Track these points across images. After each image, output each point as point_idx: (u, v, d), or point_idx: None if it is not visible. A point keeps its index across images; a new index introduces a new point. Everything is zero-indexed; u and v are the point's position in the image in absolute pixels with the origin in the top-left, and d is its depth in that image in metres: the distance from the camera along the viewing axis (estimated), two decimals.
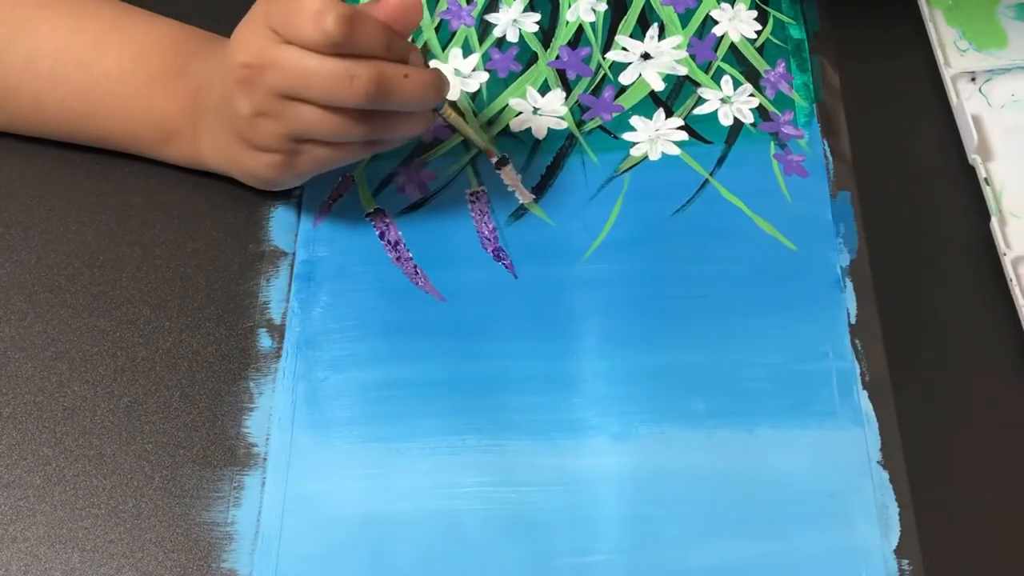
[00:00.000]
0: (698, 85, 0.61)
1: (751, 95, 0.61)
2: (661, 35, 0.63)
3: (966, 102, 0.59)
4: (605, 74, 0.62)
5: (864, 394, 0.51)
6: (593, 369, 0.52)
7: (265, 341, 0.53)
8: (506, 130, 0.60)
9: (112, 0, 0.56)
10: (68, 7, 0.55)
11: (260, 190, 0.56)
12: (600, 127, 0.60)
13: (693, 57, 0.62)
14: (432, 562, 0.48)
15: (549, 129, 0.60)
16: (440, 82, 0.50)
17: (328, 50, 0.46)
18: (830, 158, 0.58)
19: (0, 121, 0.57)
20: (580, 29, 0.63)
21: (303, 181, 0.55)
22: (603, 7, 0.64)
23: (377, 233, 0.56)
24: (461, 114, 0.56)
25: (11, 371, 0.52)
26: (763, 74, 0.61)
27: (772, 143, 0.59)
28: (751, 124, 0.60)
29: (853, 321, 0.53)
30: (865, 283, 0.54)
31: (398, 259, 0.55)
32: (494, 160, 0.57)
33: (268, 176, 0.53)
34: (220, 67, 0.51)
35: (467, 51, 0.63)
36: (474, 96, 0.61)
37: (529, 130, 0.60)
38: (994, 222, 0.55)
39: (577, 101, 0.61)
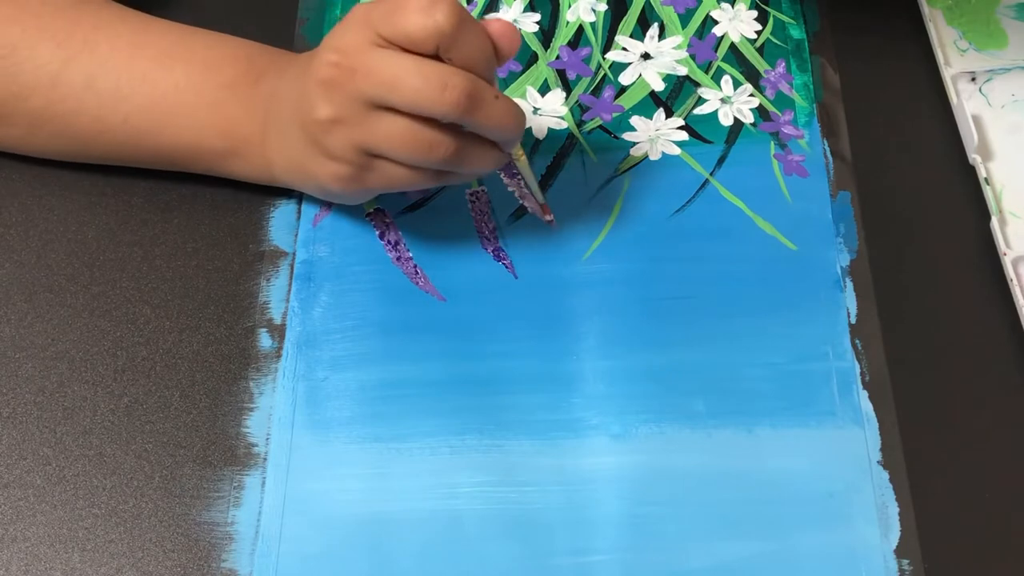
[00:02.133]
0: (698, 85, 0.61)
1: (751, 95, 0.61)
2: (661, 35, 0.63)
3: (966, 102, 0.59)
4: (605, 74, 0.62)
5: (864, 394, 0.51)
6: (593, 369, 0.52)
7: (265, 341, 0.53)
8: None
9: (172, 22, 0.55)
10: (126, 27, 0.54)
11: (260, 190, 0.56)
12: (600, 127, 0.60)
13: (693, 57, 0.62)
14: (432, 562, 0.48)
15: (549, 129, 0.60)
16: (523, 116, 0.49)
17: (431, 45, 0.45)
18: (830, 158, 0.58)
19: (60, 146, 0.55)
20: (580, 29, 0.63)
21: (369, 198, 0.54)
22: (603, 7, 0.64)
23: (377, 233, 0.56)
24: (527, 163, 0.55)
25: (11, 371, 0.52)
26: (763, 74, 0.61)
27: (772, 143, 0.59)
28: (751, 124, 0.60)
29: (853, 321, 0.53)
30: (865, 283, 0.54)
31: (398, 259, 0.55)
32: (548, 219, 0.56)
33: (334, 188, 0.51)
34: (301, 72, 0.50)
35: None
36: None
37: (529, 130, 0.60)
38: (994, 222, 0.55)
39: (577, 101, 0.61)
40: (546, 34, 0.63)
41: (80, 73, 0.52)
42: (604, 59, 0.62)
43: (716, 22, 0.64)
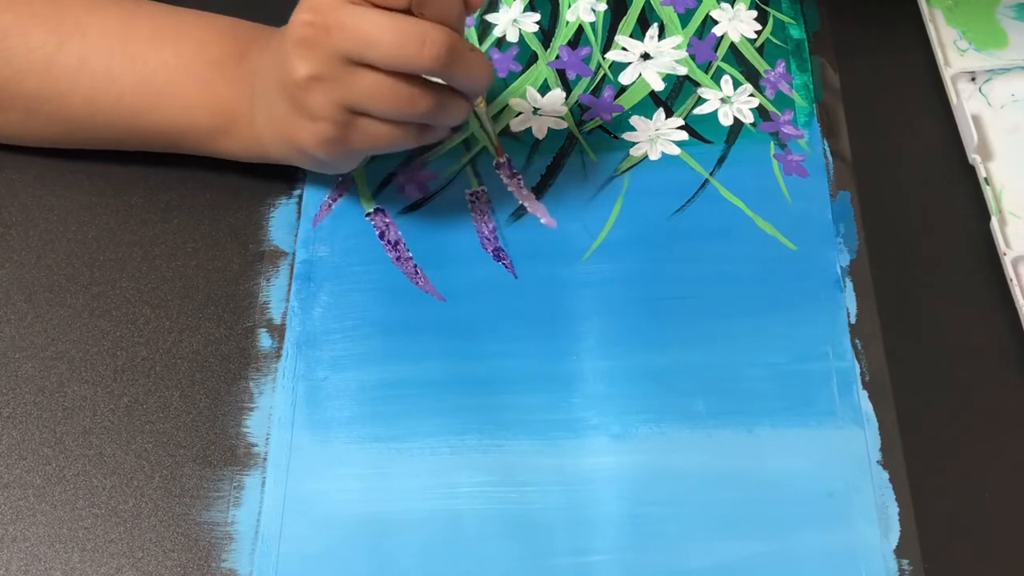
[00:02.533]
0: (698, 85, 0.61)
1: (751, 95, 0.61)
2: (661, 35, 0.63)
3: (966, 102, 0.59)
4: (605, 74, 0.62)
5: (864, 394, 0.51)
6: (593, 369, 0.52)
7: (265, 341, 0.53)
8: (506, 130, 0.60)
9: (162, 3, 0.56)
10: (118, 10, 0.55)
11: (260, 190, 0.56)
12: (600, 127, 0.60)
13: (693, 57, 0.62)
14: (432, 562, 0.48)
15: (549, 129, 0.60)
16: (492, 67, 0.50)
17: (404, 3, 0.46)
18: (830, 158, 0.58)
19: (56, 130, 0.56)
20: (580, 29, 0.63)
21: (357, 164, 0.54)
22: (603, 7, 0.64)
23: (377, 233, 0.56)
24: (485, 109, 0.56)
25: (11, 371, 0.52)
26: (763, 74, 0.61)
27: (772, 143, 0.59)
28: (751, 124, 0.60)
29: (853, 321, 0.53)
30: (865, 283, 0.54)
31: (398, 259, 0.55)
32: (502, 159, 0.57)
33: (319, 151, 0.51)
34: (280, 41, 0.50)
35: None
36: None
37: (529, 130, 0.60)
38: (994, 222, 0.55)
39: (577, 101, 0.61)
40: (546, 34, 0.63)
41: (73, 56, 0.53)
42: (604, 59, 0.62)
43: (716, 22, 0.64)
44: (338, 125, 0.49)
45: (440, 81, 0.49)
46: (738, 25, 0.63)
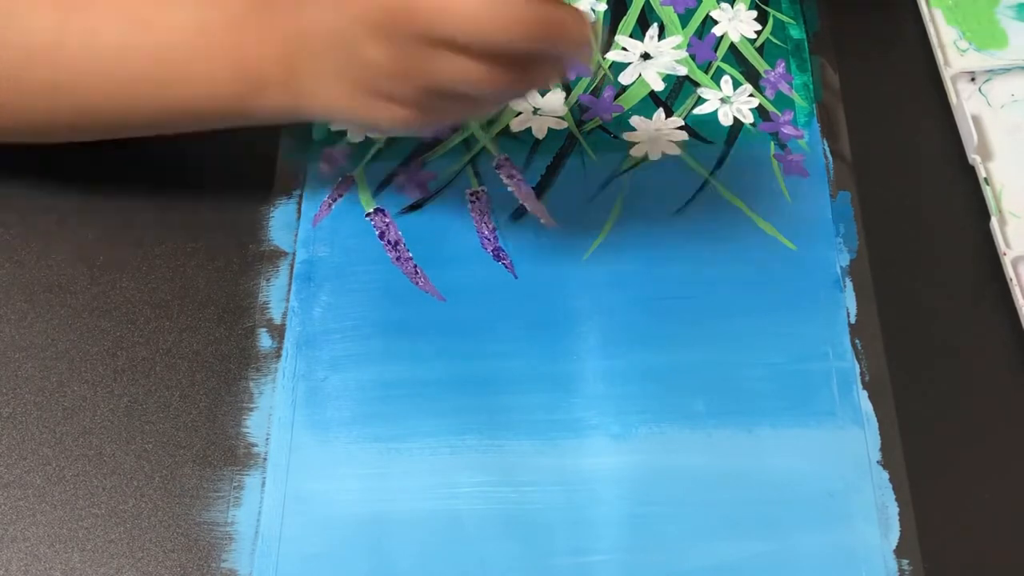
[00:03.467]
0: (698, 85, 0.61)
1: (751, 95, 0.61)
2: (661, 35, 0.63)
3: (966, 102, 0.59)
4: (605, 74, 0.62)
5: (864, 394, 0.51)
6: (593, 369, 0.52)
7: (265, 341, 0.53)
8: (506, 130, 0.60)
9: None
10: None
11: (260, 190, 0.56)
12: (600, 127, 0.60)
13: (693, 57, 0.62)
14: (432, 562, 0.48)
15: (549, 129, 0.60)
16: (588, 18, 0.45)
17: None
18: (830, 158, 0.58)
19: (76, 118, 0.52)
20: None
21: (428, 131, 0.51)
22: (603, 7, 0.64)
23: (377, 233, 0.56)
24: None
25: (11, 371, 0.52)
26: (763, 74, 0.61)
27: (772, 143, 0.59)
28: (751, 124, 0.60)
29: (853, 321, 0.53)
30: (865, 283, 0.54)
31: (398, 259, 0.55)
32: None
33: (395, 128, 0.47)
34: (333, 6, 0.45)
35: None
36: None
37: (529, 130, 0.60)
38: (994, 222, 0.55)
39: (577, 101, 0.61)
40: None
41: (83, 31, 0.49)
42: (604, 59, 0.62)
43: (716, 22, 0.64)
44: (419, 108, 0.46)
45: None
46: (738, 25, 0.63)
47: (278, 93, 0.49)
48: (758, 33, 0.63)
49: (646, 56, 0.62)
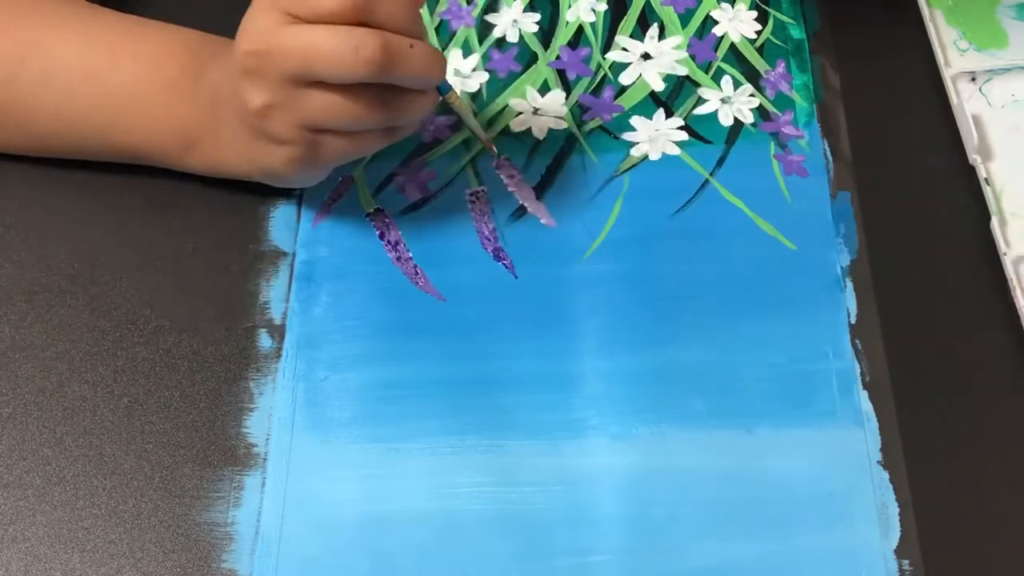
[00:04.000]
0: (698, 85, 0.61)
1: (751, 95, 0.61)
2: (661, 35, 0.63)
3: (966, 102, 0.59)
4: (605, 74, 0.62)
5: (864, 394, 0.51)
6: (593, 369, 0.52)
7: (265, 341, 0.53)
8: (506, 130, 0.60)
9: (123, 14, 0.56)
10: (78, 22, 0.54)
11: (259, 190, 0.56)
12: (600, 127, 0.60)
13: (693, 57, 0.62)
14: (432, 562, 0.48)
15: (549, 129, 0.60)
16: (443, 58, 0.49)
17: (347, 16, 0.45)
18: (830, 158, 0.58)
19: (21, 142, 0.56)
20: (580, 29, 0.63)
21: (326, 175, 0.54)
22: (603, 7, 0.64)
23: (377, 233, 0.56)
24: (465, 105, 0.55)
25: (11, 371, 0.52)
26: (763, 74, 0.61)
27: (772, 143, 0.59)
28: (751, 124, 0.60)
29: (853, 321, 0.53)
30: (865, 283, 0.54)
31: (398, 259, 0.55)
32: (494, 151, 0.57)
33: (289, 172, 0.51)
34: (230, 65, 0.50)
35: (467, 51, 0.63)
36: (474, 96, 0.61)
37: (529, 130, 0.60)
38: (994, 222, 0.55)
39: (577, 101, 0.61)
40: (546, 34, 0.63)
41: (36, 71, 0.53)
42: (604, 59, 0.62)
43: (716, 22, 0.64)
44: (303, 145, 0.49)
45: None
46: (738, 25, 0.63)
47: (207, 150, 0.54)
48: (758, 33, 0.63)
49: (646, 56, 0.62)
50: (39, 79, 0.53)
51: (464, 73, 0.62)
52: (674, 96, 0.61)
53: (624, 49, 0.63)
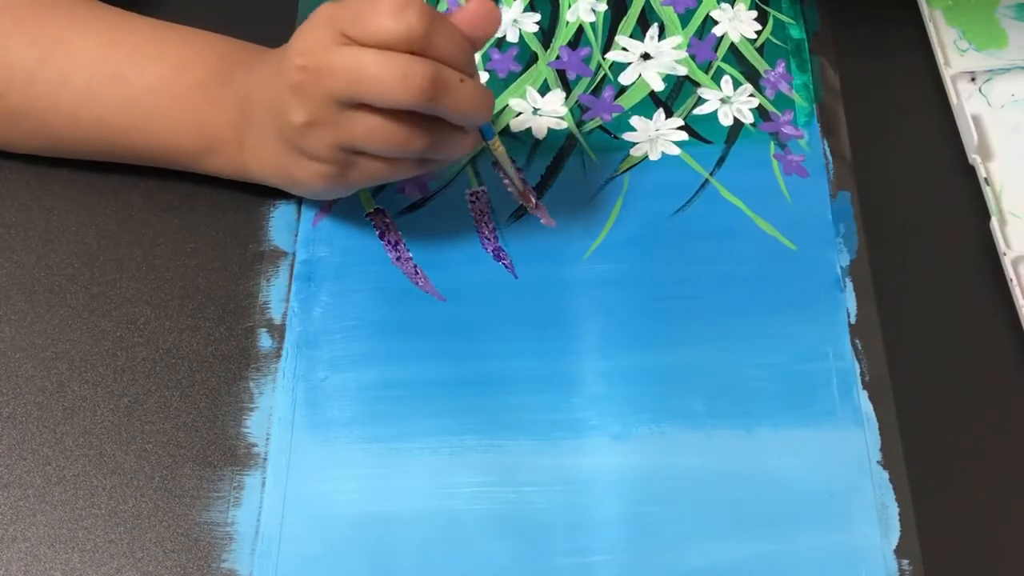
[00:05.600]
0: (698, 85, 0.61)
1: (751, 95, 0.61)
2: (661, 35, 0.63)
3: (966, 102, 0.59)
4: (605, 74, 0.62)
5: (864, 394, 0.51)
6: (593, 369, 0.52)
7: (265, 341, 0.53)
8: (506, 130, 0.60)
9: (146, 17, 0.55)
10: (100, 23, 0.54)
11: (260, 190, 0.56)
12: (600, 127, 0.60)
13: (693, 57, 0.62)
14: (432, 562, 0.48)
15: (549, 129, 0.60)
16: (491, 97, 0.49)
17: (402, 48, 0.45)
18: (830, 158, 0.58)
19: (37, 143, 0.56)
20: (580, 29, 0.63)
21: (351, 192, 0.54)
22: (603, 7, 0.64)
23: (377, 233, 0.56)
24: (506, 154, 0.55)
25: (11, 371, 0.52)
26: (763, 74, 0.61)
27: (772, 143, 0.59)
28: (751, 124, 0.60)
29: (853, 321, 0.53)
30: (865, 283, 0.54)
31: (398, 259, 0.55)
32: (531, 206, 0.56)
33: (318, 187, 0.52)
34: (272, 73, 0.50)
35: None
36: None
37: (529, 130, 0.60)
38: (994, 222, 0.55)
39: (577, 101, 0.61)
40: (546, 34, 0.63)
41: (54, 71, 0.53)
42: (604, 59, 0.62)
43: (716, 22, 0.64)
44: (337, 165, 0.50)
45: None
46: (738, 25, 0.63)
47: (229, 154, 0.53)
48: (758, 33, 0.63)
49: (646, 56, 0.62)
50: (58, 80, 0.53)
51: None
52: (674, 96, 0.61)
53: (624, 49, 0.63)
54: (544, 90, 0.61)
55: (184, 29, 0.55)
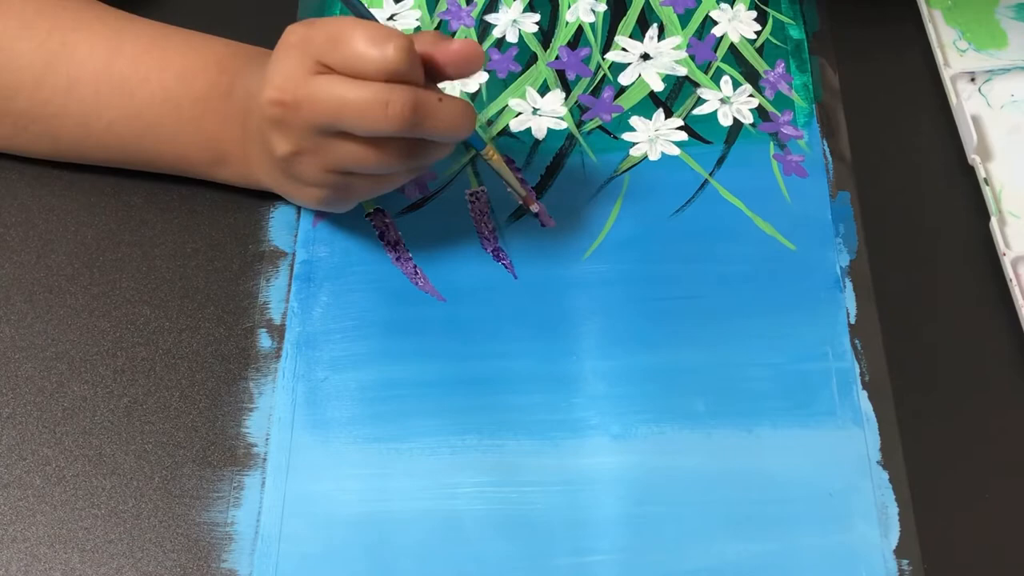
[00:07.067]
0: (697, 85, 0.61)
1: (751, 95, 0.61)
2: (660, 35, 0.63)
3: (966, 102, 0.59)
4: (605, 74, 0.62)
5: (864, 394, 0.51)
6: (593, 369, 0.52)
7: (265, 341, 0.53)
8: (506, 130, 0.60)
9: (150, 20, 0.55)
10: (104, 28, 0.54)
11: (259, 190, 0.56)
12: (600, 127, 0.60)
13: (692, 57, 0.62)
14: (432, 562, 0.48)
15: (549, 129, 0.60)
16: (472, 111, 0.49)
17: (381, 75, 0.45)
18: (829, 158, 0.58)
19: (47, 147, 0.56)
20: (580, 29, 0.63)
21: (353, 205, 0.54)
22: (603, 7, 0.64)
23: (377, 233, 0.56)
24: (502, 157, 0.55)
25: (11, 371, 0.52)
26: (763, 74, 0.61)
27: (772, 143, 0.59)
28: (751, 124, 0.60)
29: (853, 321, 0.53)
30: (865, 283, 0.54)
31: (398, 259, 0.56)
32: (534, 209, 0.56)
33: (319, 207, 0.53)
34: (257, 102, 0.50)
35: None
36: (473, 97, 0.61)
37: (529, 130, 0.60)
38: (994, 222, 0.55)
39: (577, 101, 0.61)
40: (545, 34, 0.63)
41: (61, 76, 0.53)
42: (603, 59, 0.62)
43: (715, 22, 0.64)
44: (332, 187, 0.50)
45: None
46: (738, 25, 0.63)
47: (238, 166, 0.54)
48: (758, 33, 0.63)
49: (646, 56, 0.62)
50: (65, 86, 0.53)
51: None
52: (673, 96, 0.61)
53: (623, 49, 0.63)
54: (544, 90, 0.61)
55: (185, 34, 0.55)
